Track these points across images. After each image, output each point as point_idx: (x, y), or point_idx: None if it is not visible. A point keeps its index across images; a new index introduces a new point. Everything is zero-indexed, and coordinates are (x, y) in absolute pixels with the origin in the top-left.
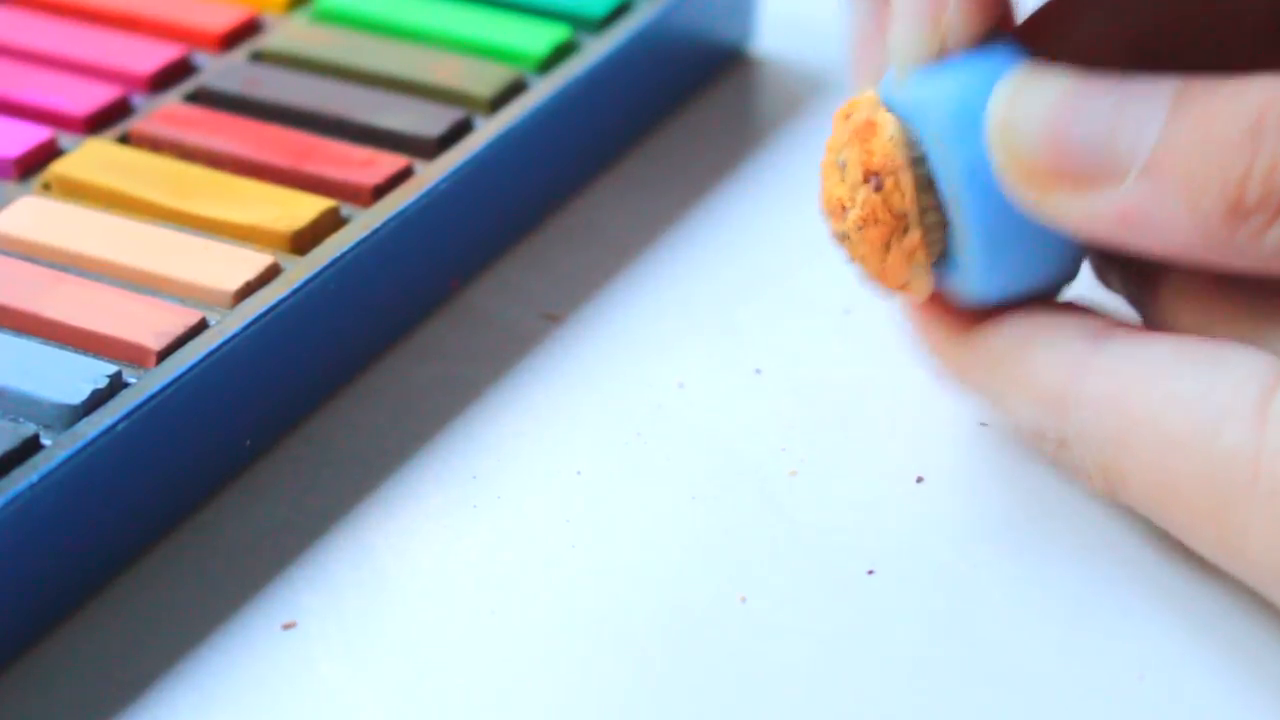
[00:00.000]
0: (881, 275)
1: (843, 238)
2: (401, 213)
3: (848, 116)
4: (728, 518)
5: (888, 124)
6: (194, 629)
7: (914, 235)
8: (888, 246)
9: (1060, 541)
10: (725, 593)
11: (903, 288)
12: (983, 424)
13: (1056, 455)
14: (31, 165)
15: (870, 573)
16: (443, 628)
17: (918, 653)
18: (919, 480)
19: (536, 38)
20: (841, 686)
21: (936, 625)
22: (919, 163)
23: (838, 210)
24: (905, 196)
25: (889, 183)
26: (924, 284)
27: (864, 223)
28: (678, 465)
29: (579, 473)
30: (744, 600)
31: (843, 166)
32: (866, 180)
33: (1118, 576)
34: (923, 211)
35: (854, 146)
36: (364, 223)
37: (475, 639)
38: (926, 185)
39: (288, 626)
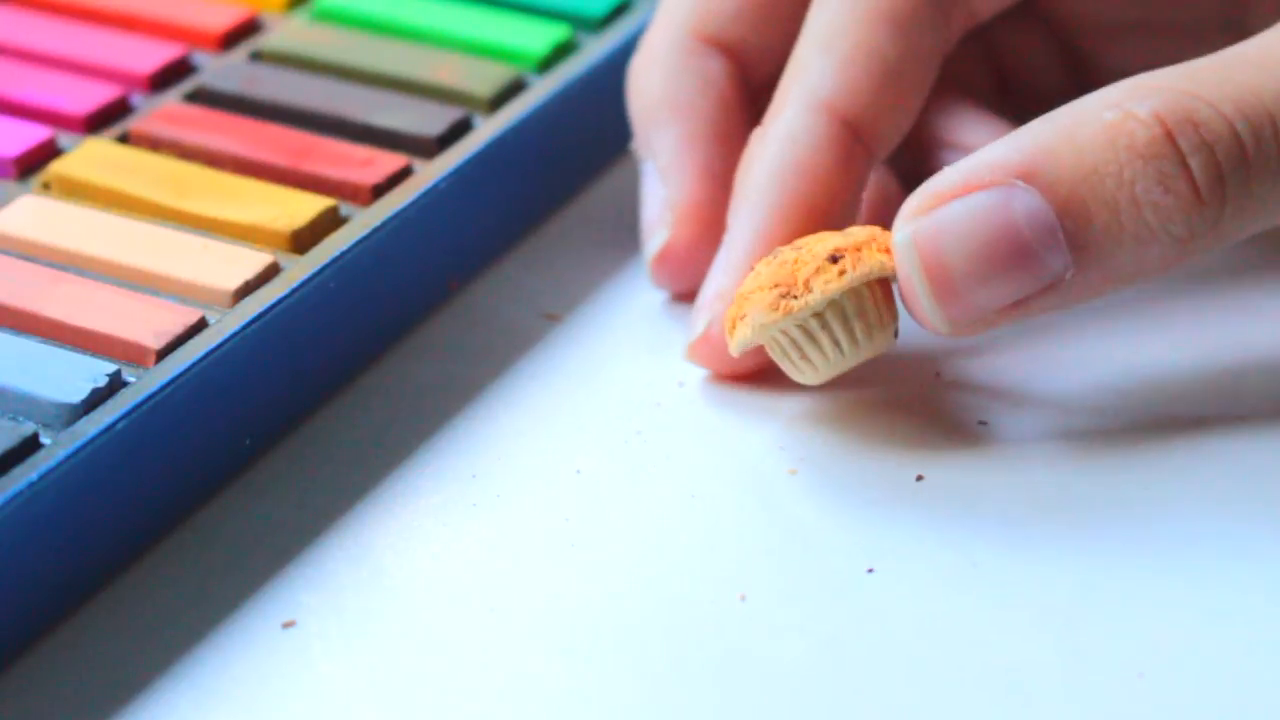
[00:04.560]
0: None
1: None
2: (401, 212)
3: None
4: (728, 517)
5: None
6: (194, 627)
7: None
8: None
9: (1059, 541)
10: (725, 591)
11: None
12: (982, 423)
13: None
14: (31, 164)
15: (870, 571)
16: (442, 626)
17: (918, 652)
18: (919, 479)
19: (536, 37)
20: (841, 685)
21: (936, 624)
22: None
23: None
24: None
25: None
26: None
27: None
28: (678, 464)
29: (579, 471)
30: (744, 599)
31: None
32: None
33: (1117, 576)
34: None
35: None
36: (363, 222)
37: (474, 637)
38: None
39: (287, 625)
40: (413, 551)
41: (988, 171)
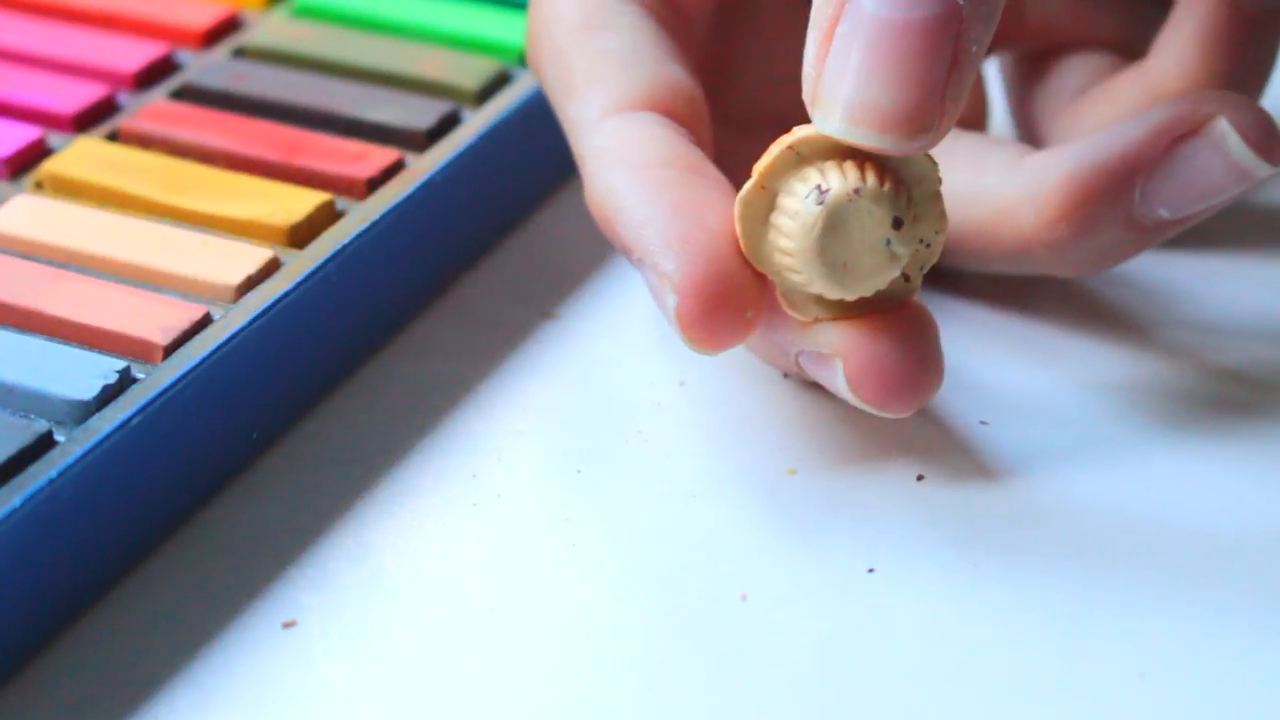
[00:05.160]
0: None
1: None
2: (400, 204)
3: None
4: (728, 517)
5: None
6: (195, 627)
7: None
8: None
9: (1060, 541)
10: (725, 591)
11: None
12: (983, 422)
13: None
14: (22, 164)
15: (870, 571)
16: (443, 626)
17: (918, 652)
18: (919, 479)
19: (519, 29)
20: (841, 685)
21: (936, 624)
22: None
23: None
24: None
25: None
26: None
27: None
28: (678, 464)
29: (579, 471)
30: (744, 599)
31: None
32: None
33: (1117, 576)
34: None
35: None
36: (362, 215)
37: (475, 637)
38: None
39: (288, 625)
40: (413, 551)
41: None
